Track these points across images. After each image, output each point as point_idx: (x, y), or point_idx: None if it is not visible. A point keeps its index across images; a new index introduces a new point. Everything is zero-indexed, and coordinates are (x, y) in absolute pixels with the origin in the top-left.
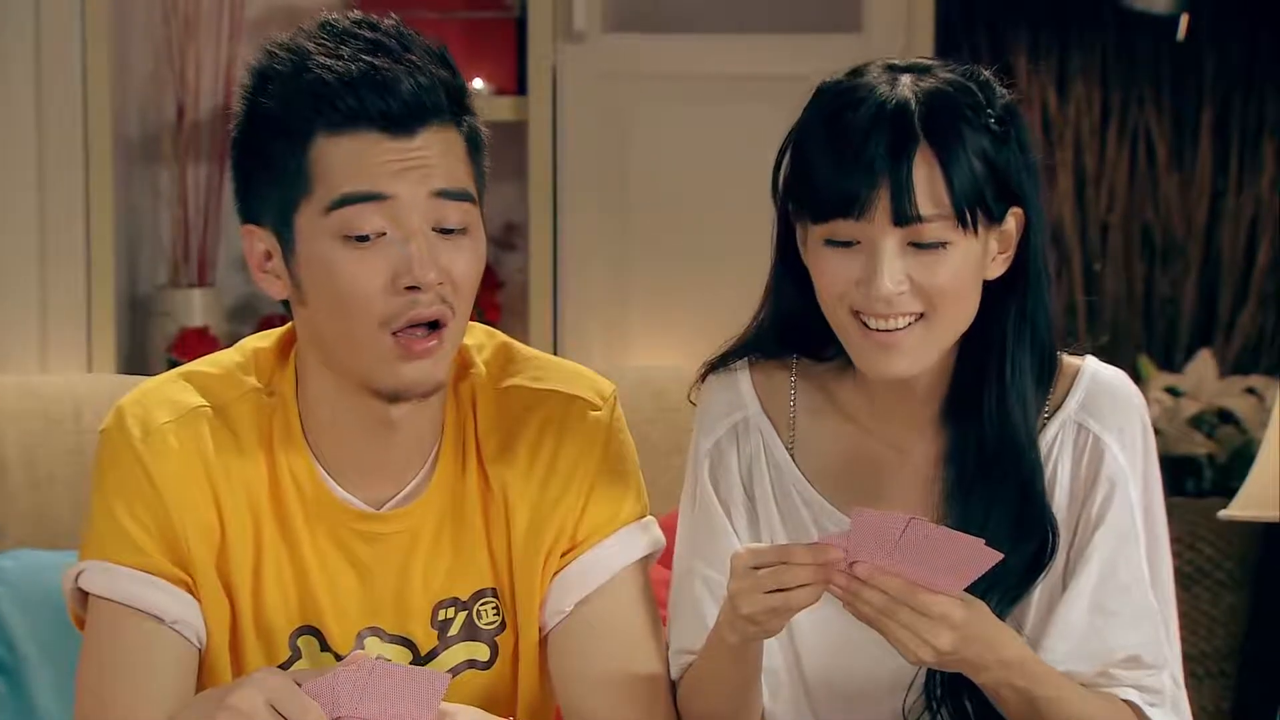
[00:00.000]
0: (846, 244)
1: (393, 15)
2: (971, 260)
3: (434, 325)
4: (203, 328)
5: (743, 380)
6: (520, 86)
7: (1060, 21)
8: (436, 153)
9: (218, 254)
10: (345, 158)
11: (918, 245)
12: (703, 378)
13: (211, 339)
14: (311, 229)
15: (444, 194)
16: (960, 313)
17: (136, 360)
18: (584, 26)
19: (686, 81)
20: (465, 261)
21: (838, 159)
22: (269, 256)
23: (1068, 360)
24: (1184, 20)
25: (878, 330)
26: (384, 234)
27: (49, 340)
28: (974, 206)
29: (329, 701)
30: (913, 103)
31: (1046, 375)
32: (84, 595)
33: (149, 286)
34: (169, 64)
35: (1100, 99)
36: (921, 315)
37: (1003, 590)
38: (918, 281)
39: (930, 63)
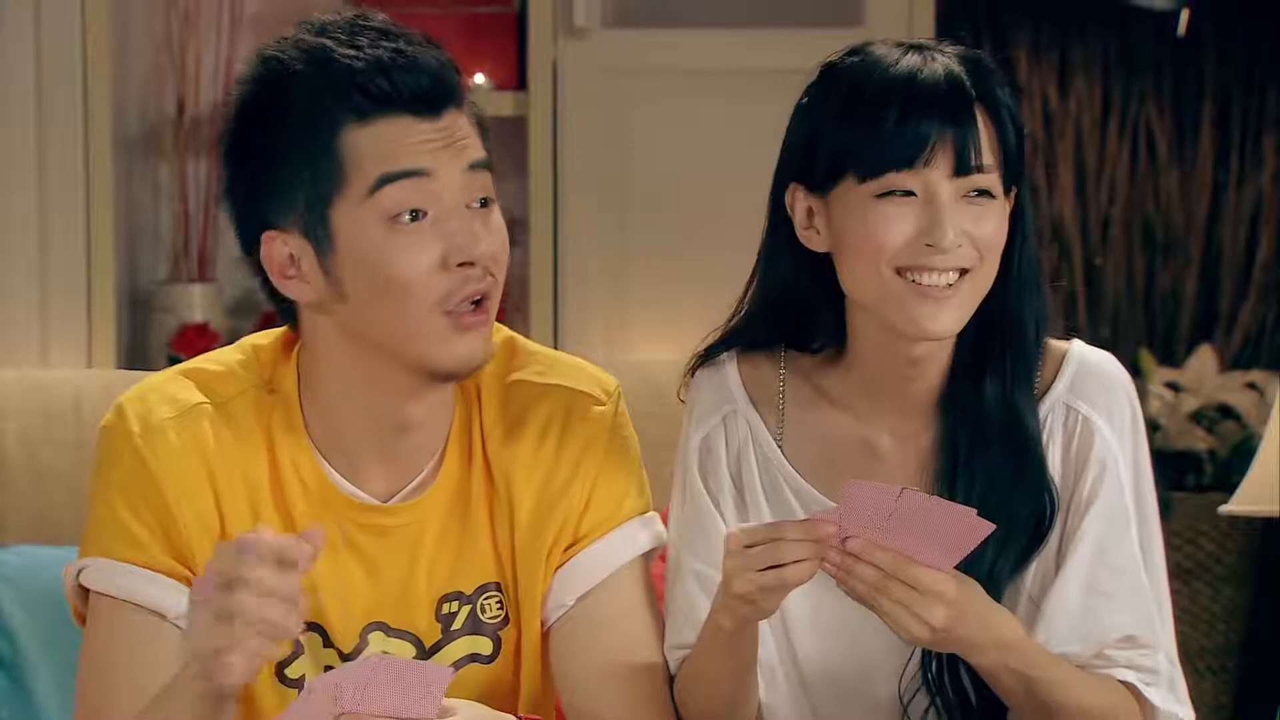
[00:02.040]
0: (902, 195)
1: (380, 13)
2: (1005, 218)
3: (477, 302)
4: (203, 323)
5: (730, 373)
6: (521, 81)
7: (1061, 16)
8: (464, 129)
9: (218, 249)
10: (378, 142)
11: (967, 197)
12: (692, 371)
13: (212, 334)
14: (353, 220)
15: (475, 165)
16: (993, 272)
17: (137, 355)
18: (585, 21)
19: (688, 76)
20: (499, 232)
21: (902, 109)
22: (293, 260)
23: (1055, 344)
24: (1185, 15)
25: (929, 285)
26: (426, 213)
27: (49, 335)
28: (1016, 161)
29: (332, 697)
30: (956, 66)
31: (1038, 343)
32: (85, 591)
33: (149, 281)
34: (169, 58)
35: (1101, 94)
36: (965, 271)
37: (1010, 558)
38: (969, 233)
39: (933, 43)
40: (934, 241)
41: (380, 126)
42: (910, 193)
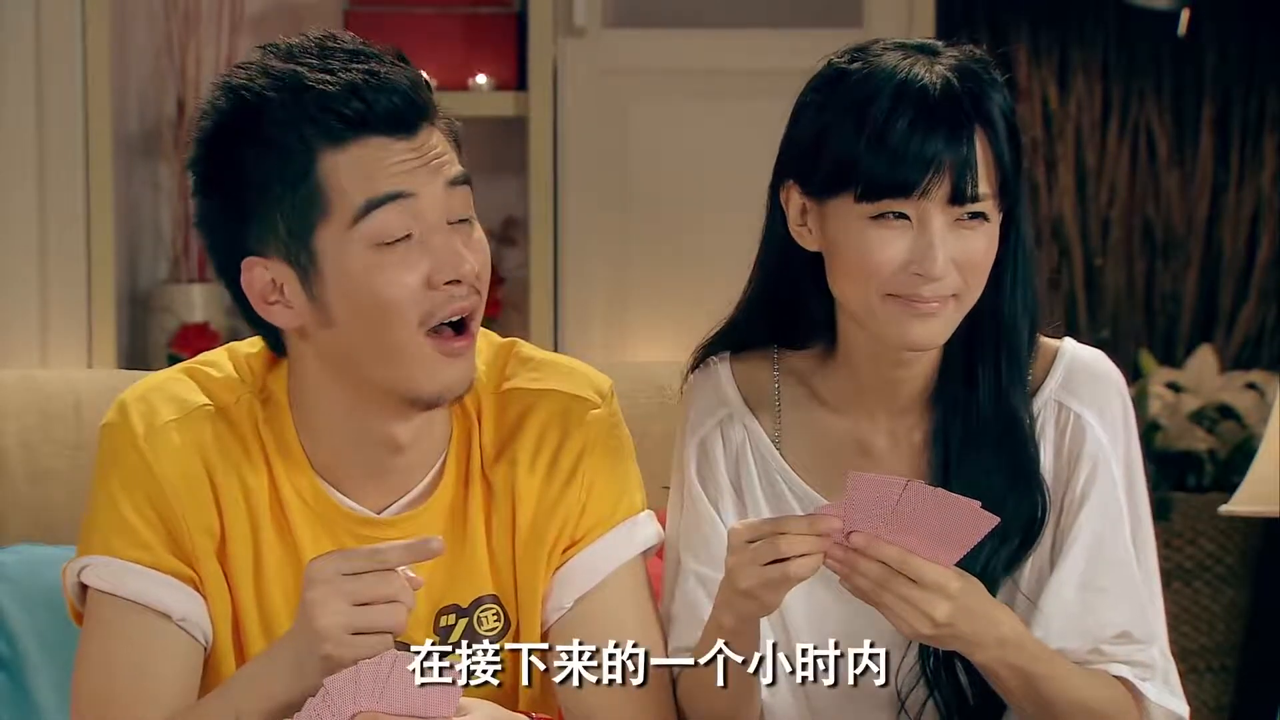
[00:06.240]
0: (896, 218)
1: (349, 34)
2: (995, 236)
3: (459, 326)
4: (203, 323)
5: (724, 375)
6: (521, 81)
7: (1061, 16)
8: (439, 145)
9: None
10: (357, 167)
11: (960, 220)
12: (692, 368)
13: (212, 334)
14: (338, 245)
15: (454, 182)
16: (980, 288)
17: (137, 355)
18: (584, 21)
19: (687, 76)
20: (482, 250)
21: (903, 139)
22: (275, 286)
23: (1046, 342)
24: (1185, 16)
25: (917, 304)
26: (410, 235)
27: (49, 335)
28: (1014, 179)
29: (351, 695)
30: (956, 82)
31: (1030, 341)
32: (83, 589)
33: (149, 282)
34: (169, 58)
35: (1101, 94)
36: (954, 295)
37: (1004, 555)
38: (957, 259)
39: (935, 44)
40: (923, 271)
41: (357, 149)
42: (904, 215)
